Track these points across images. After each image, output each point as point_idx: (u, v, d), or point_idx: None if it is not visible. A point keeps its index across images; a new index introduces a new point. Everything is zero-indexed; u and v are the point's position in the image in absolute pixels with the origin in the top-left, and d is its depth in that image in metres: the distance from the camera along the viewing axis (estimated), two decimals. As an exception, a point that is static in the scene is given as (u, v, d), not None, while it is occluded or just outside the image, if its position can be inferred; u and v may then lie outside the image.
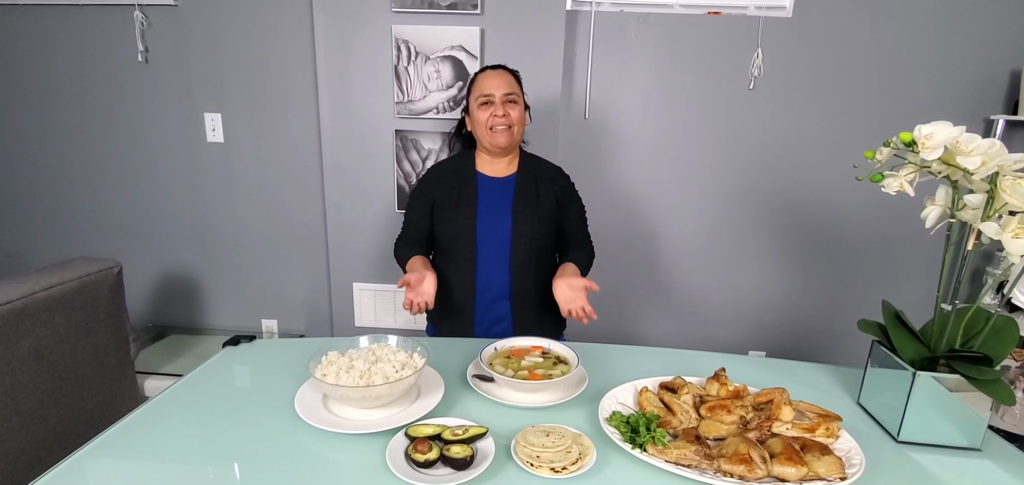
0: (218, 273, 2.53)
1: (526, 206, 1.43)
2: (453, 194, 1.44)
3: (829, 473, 0.79)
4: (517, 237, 1.41)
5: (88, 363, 1.66)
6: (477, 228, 1.41)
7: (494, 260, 1.42)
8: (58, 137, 2.41)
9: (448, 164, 1.52)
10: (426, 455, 0.80)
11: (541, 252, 1.45)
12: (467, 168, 1.47)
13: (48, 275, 1.54)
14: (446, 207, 1.44)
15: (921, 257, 2.21)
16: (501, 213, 1.42)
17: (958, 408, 0.91)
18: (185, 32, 2.23)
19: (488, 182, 1.46)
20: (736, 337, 2.38)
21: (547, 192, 1.46)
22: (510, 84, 1.40)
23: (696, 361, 1.23)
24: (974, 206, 0.86)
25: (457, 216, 1.42)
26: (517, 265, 1.42)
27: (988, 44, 2.01)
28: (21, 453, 1.45)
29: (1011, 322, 0.92)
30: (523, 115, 1.42)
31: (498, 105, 1.37)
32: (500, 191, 1.45)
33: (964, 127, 0.82)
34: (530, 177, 1.47)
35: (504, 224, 1.41)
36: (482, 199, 1.43)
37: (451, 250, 1.44)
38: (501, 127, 1.37)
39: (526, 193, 1.44)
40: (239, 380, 1.12)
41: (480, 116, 1.39)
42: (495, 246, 1.42)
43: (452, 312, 1.46)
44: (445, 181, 1.47)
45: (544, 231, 1.44)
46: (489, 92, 1.37)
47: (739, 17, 2.06)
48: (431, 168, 1.54)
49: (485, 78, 1.40)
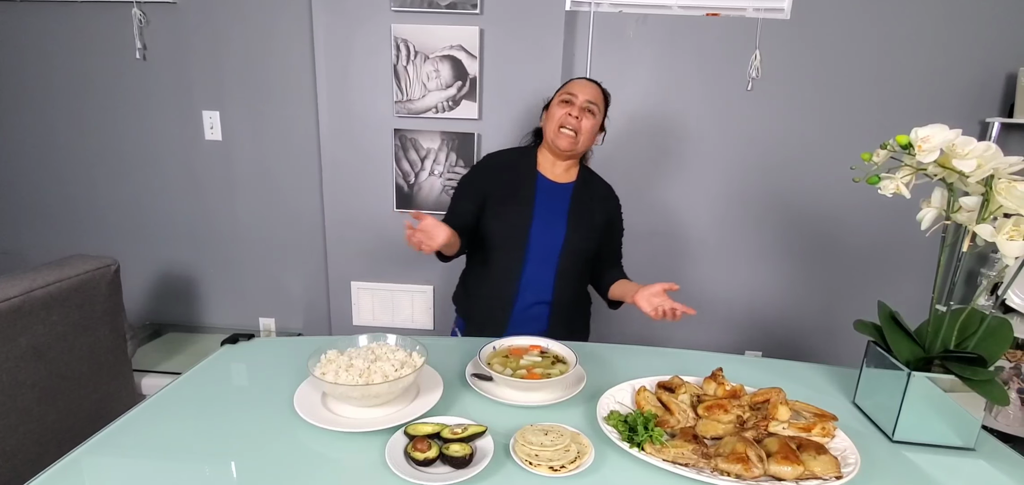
0: (216, 271, 2.53)
1: (581, 217, 1.43)
2: (509, 189, 1.42)
3: (825, 472, 0.80)
4: (568, 245, 1.41)
5: (86, 361, 1.66)
6: (531, 229, 1.40)
7: (541, 264, 1.41)
8: (55, 134, 2.40)
9: (507, 156, 1.49)
10: (425, 453, 0.81)
11: (585, 263, 1.47)
12: (527, 165, 1.45)
13: (45, 273, 1.53)
14: (500, 201, 1.42)
15: (917, 258, 2.22)
16: (556, 219, 1.42)
17: (952, 408, 0.92)
18: (183, 29, 2.22)
19: (547, 185, 1.44)
20: (733, 337, 2.39)
21: (600, 209, 1.47)
22: (596, 95, 1.40)
23: (693, 361, 1.24)
24: (969, 208, 0.87)
25: (511, 212, 1.40)
26: (563, 272, 1.42)
27: (984, 47, 2.02)
28: (18, 451, 1.44)
29: (1005, 323, 0.93)
30: (594, 130, 1.41)
31: (575, 107, 1.37)
32: (557, 196, 1.44)
33: (960, 130, 0.83)
34: (586, 189, 1.47)
35: (558, 230, 1.41)
36: (539, 201, 1.42)
37: (500, 246, 1.42)
38: (568, 130, 1.37)
39: (581, 204, 1.44)
40: (237, 378, 1.12)
41: (556, 112, 1.39)
42: (545, 250, 1.41)
43: (488, 309, 1.45)
44: (503, 173, 1.45)
45: (592, 247, 1.45)
46: (573, 93, 1.38)
47: (737, 18, 2.06)
48: (488, 157, 1.51)
49: (575, 83, 1.42)
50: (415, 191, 2.18)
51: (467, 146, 2.11)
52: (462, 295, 1.57)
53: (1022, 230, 0.80)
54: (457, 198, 1.47)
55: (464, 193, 1.46)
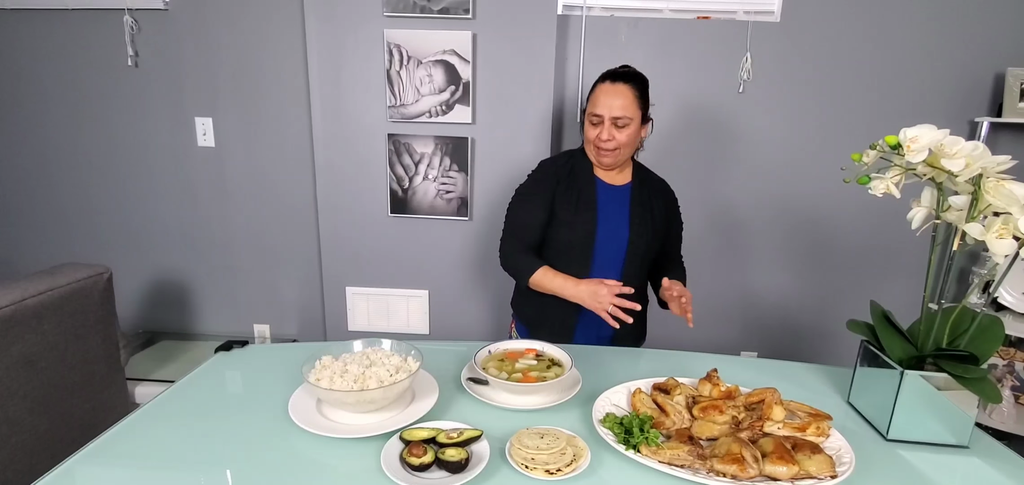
0: (209, 278, 2.51)
1: (643, 217, 1.41)
2: (572, 196, 1.40)
3: (820, 471, 0.80)
4: (633, 247, 1.40)
5: (78, 370, 1.64)
6: (597, 235, 1.38)
7: (606, 268, 1.41)
8: (47, 142, 2.39)
9: (563, 162, 1.45)
10: (421, 459, 0.80)
11: (648, 263, 1.47)
12: (584, 170, 1.42)
13: (37, 281, 1.52)
14: (565, 208, 1.39)
15: (908, 258, 2.24)
16: (619, 222, 1.40)
17: (946, 406, 0.93)
18: (175, 36, 2.22)
19: (606, 189, 1.43)
20: (728, 338, 2.40)
21: (659, 205, 1.45)
22: (623, 106, 1.31)
23: (688, 362, 1.24)
24: (959, 207, 0.88)
25: (577, 220, 1.38)
26: (629, 275, 1.41)
27: (973, 48, 2.04)
28: (11, 461, 1.43)
29: (996, 321, 0.94)
30: (633, 136, 1.35)
31: (606, 127, 1.32)
32: (618, 199, 1.42)
33: (948, 130, 0.84)
34: (646, 188, 1.45)
35: (622, 233, 1.40)
36: (601, 206, 1.40)
37: (565, 253, 1.40)
38: (607, 150, 1.34)
39: (642, 204, 1.43)
40: (231, 385, 1.11)
41: (589, 131, 1.36)
42: (611, 254, 1.40)
43: (556, 316, 1.44)
44: (563, 182, 1.41)
45: (656, 245, 1.44)
46: (600, 113, 1.32)
47: (728, 21, 2.08)
48: (544, 164, 1.47)
49: (601, 92, 1.33)
50: (409, 196, 2.18)
51: (461, 150, 2.12)
52: (523, 301, 1.53)
53: (1011, 228, 0.81)
54: (521, 211, 1.44)
55: (529, 204, 1.42)
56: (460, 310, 2.31)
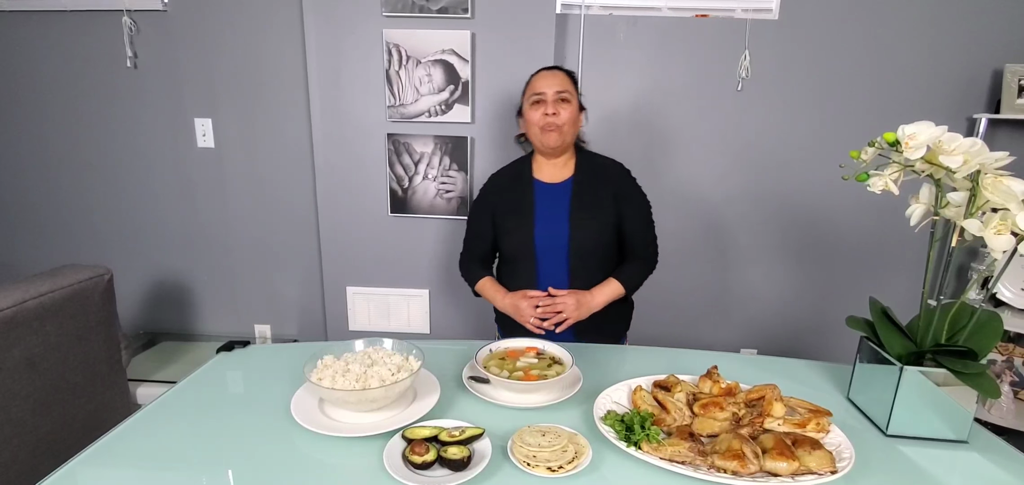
0: (210, 279, 2.52)
1: (583, 212, 1.41)
2: (512, 203, 1.44)
3: (820, 467, 0.80)
4: (575, 244, 1.40)
5: (80, 371, 1.65)
6: (535, 237, 1.40)
7: (555, 268, 1.41)
8: (47, 144, 2.39)
9: (506, 172, 1.52)
10: (423, 457, 0.81)
11: (603, 256, 1.44)
12: (524, 175, 1.46)
13: (38, 283, 1.53)
14: (506, 216, 1.44)
15: (907, 254, 2.24)
16: (558, 220, 1.41)
17: (945, 402, 0.93)
18: (174, 37, 2.22)
19: (545, 188, 1.44)
20: (728, 335, 2.40)
21: (606, 194, 1.43)
22: (563, 82, 1.38)
23: (689, 359, 1.24)
24: (957, 204, 0.88)
25: (516, 226, 1.42)
26: (577, 272, 1.41)
27: (971, 44, 2.04)
28: (13, 463, 1.43)
29: (995, 317, 0.95)
30: (576, 115, 1.40)
31: (549, 103, 1.36)
32: (557, 197, 1.43)
33: (946, 127, 0.84)
34: (587, 180, 1.44)
35: (561, 231, 1.40)
36: (539, 207, 1.42)
37: (513, 259, 1.44)
38: (554, 126, 1.36)
39: (583, 198, 1.42)
40: (233, 386, 1.12)
41: (532, 116, 1.39)
42: (554, 255, 1.41)
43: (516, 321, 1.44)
44: (504, 190, 1.47)
45: (605, 237, 1.41)
46: (541, 90, 1.37)
47: (726, 19, 2.08)
48: (490, 177, 1.54)
49: (539, 78, 1.41)
50: (409, 195, 2.18)
51: (461, 150, 2.12)
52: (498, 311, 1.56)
53: (1009, 224, 0.81)
54: (471, 226, 1.53)
55: (475, 218, 1.52)
56: (461, 310, 2.31)
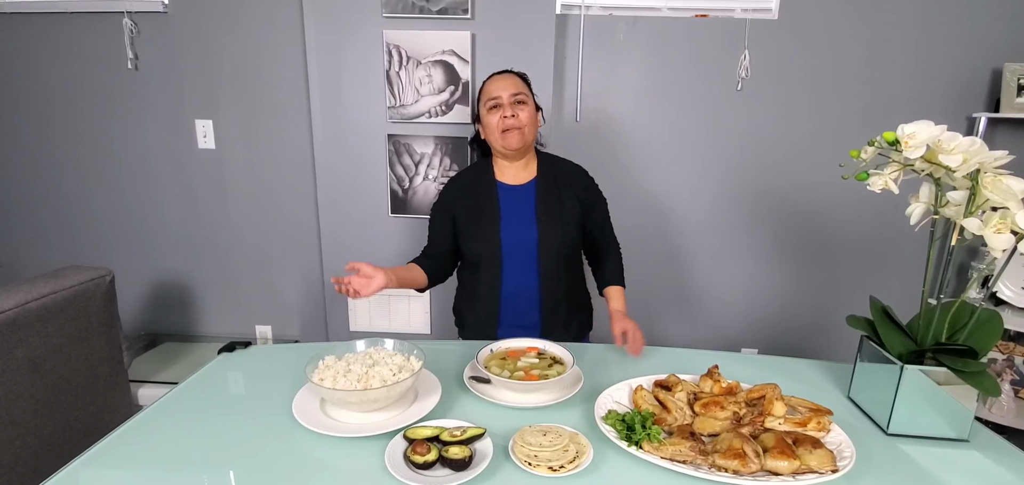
0: (211, 280, 2.52)
1: (550, 213, 1.41)
2: (475, 207, 1.42)
3: (821, 466, 0.80)
4: (544, 246, 1.39)
5: (81, 372, 1.65)
6: (502, 240, 1.39)
7: (521, 270, 1.41)
8: (48, 145, 2.39)
9: (466, 175, 1.50)
10: (425, 457, 0.81)
11: (569, 257, 1.44)
12: (486, 178, 1.45)
13: (40, 284, 1.53)
14: (469, 221, 1.42)
15: (907, 253, 2.24)
16: (525, 223, 1.40)
17: (945, 400, 0.93)
18: (175, 39, 2.22)
19: (509, 191, 1.43)
20: (729, 335, 2.40)
21: (570, 196, 1.44)
22: (517, 85, 1.39)
23: (690, 359, 1.24)
24: (957, 203, 0.88)
25: (481, 230, 1.40)
26: (546, 273, 1.41)
27: (970, 43, 2.04)
28: (15, 464, 1.44)
29: (995, 315, 0.95)
30: (534, 115, 1.40)
31: (507, 106, 1.36)
32: (522, 199, 1.43)
33: (945, 126, 0.84)
34: (551, 181, 1.44)
35: (529, 234, 1.40)
36: (504, 210, 1.41)
37: (477, 263, 1.43)
38: (513, 129, 1.36)
39: (549, 199, 1.42)
40: (234, 387, 1.12)
41: (490, 120, 1.38)
42: (522, 257, 1.40)
43: (479, 321, 1.46)
44: (465, 194, 1.45)
45: (570, 237, 1.42)
46: (496, 94, 1.37)
47: (726, 19, 2.08)
48: (450, 181, 1.52)
49: (492, 82, 1.40)
50: (409, 196, 2.18)
51: (461, 150, 2.12)
52: (458, 310, 1.58)
53: (1009, 223, 0.81)
54: (430, 226, 1.50)
55: (435, 221, 1.49)
56: (461, 309, 2.31)
